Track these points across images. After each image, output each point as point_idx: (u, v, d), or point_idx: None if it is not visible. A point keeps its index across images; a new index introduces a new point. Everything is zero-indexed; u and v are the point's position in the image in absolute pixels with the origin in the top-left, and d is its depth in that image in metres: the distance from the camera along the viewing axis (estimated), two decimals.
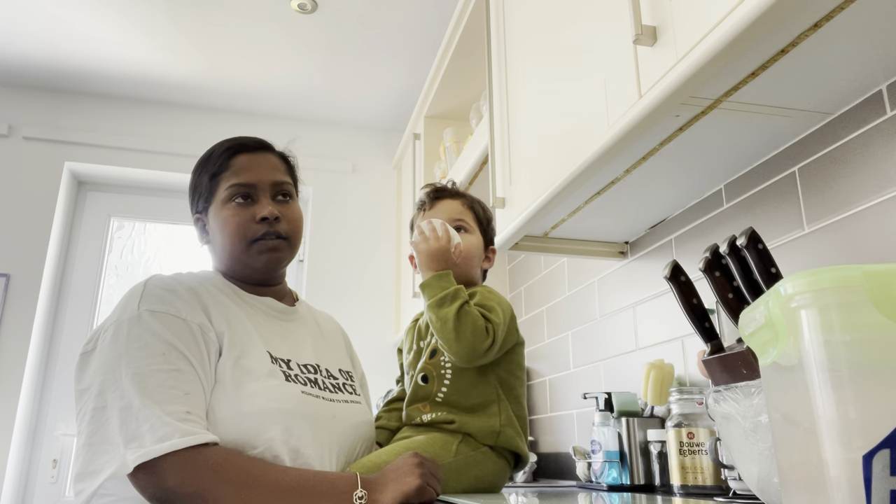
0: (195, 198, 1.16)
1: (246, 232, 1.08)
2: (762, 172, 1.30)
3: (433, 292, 1.14)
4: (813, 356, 0.51)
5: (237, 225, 1.08)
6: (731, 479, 0.97)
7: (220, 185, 1.11)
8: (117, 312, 0.99)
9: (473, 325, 1.10)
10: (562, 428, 2.14)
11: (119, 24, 2.54)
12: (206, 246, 1.18)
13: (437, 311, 1.12)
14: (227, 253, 1.11)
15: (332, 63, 2.80)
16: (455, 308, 1.10)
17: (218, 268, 1.15)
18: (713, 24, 0.87)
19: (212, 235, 1.13)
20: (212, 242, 1.14)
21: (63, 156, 2.94)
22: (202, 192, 1.14)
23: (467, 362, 1.12)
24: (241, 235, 1.08)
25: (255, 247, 1.09)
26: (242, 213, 1.08)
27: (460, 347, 1.09)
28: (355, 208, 3.22)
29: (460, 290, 1.14)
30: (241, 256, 1.10)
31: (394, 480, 0.93)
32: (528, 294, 2.49)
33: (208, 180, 1.12)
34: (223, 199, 1.10)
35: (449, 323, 1.10)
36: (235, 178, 1.10)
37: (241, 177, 1.10)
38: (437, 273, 1.17)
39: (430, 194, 1.35)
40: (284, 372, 1.03)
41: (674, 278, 0.98)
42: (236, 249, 1.09)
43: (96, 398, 0.91)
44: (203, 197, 1.14)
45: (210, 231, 1.14)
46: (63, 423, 2.77)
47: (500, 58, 1.77)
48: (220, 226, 1.10)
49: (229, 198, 1.09)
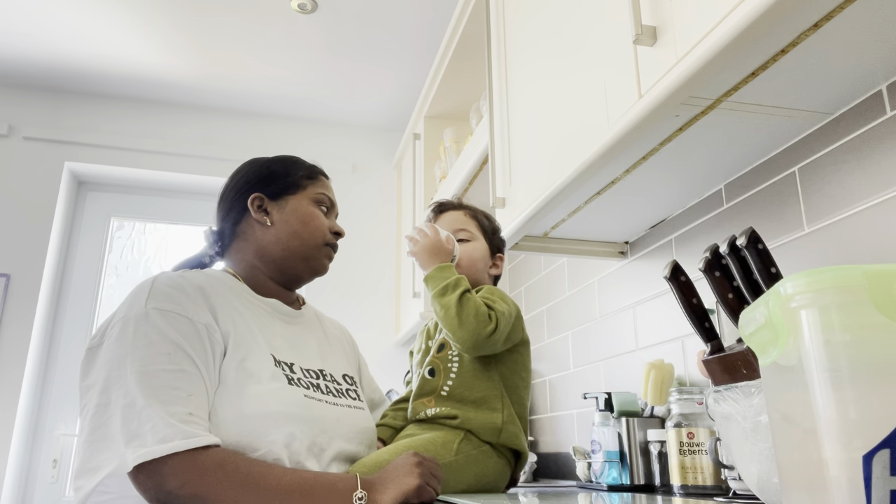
0: (271, 180, 1.18)
1: (325, 234, 1.18)
2: (762, 172, 1.30)
3: (436, 283, 1.17)
4: (813, 356, 0.51)
5: (321, 225, 1.18)
6: (731, 479, 0.97)
7: (310, 187, 1.20)
8: (125, 308, 0.99)
9: (476, 310, 1.12)
10: (562, 428, 2.14)
11: (119, 25, 2.54)
12: (240, 227, 1.16)
13: (440, 299, 1.15)
14: (290, 240, 1.14)
15: (332, 63, 2.80)
16: (457, 295, 1.13)
17: (247, 256, 1.15)
18: (713, 24, 0.87)
19: (279, 219, 1.15)
20: (274, 225, 1.15)
21: (63, 156, 2.94)
22: (290, 180, 1.18)
23: (473, 349, 1.13)
24: (320, 234, 1.17)
25: (325, 250, 1.19)
26: (325, 220, 1.20)
27: (464, 333, 1.11)
28: (355, 208, 3.22)
29: (462, 279, 1.17)
30: (305, 251, 1.16)
31: (393, 480, 0.93)
32: (528, 294, 2.49)
33: (304, 176, 1.20)
34: (312, 198, 1.19)
35: (451, 309, 1.12)
36: (326, 192, 1.21)
37: (329, 193, 1.22)
38: (440, 265, 1.20)
39: (434, 209, 1.38)
40: (287, 375, 1.03)
41: (674, 278, 0.98)
42: (306, 243, 1.15)
43: (100, 395, 0.91)
44: (288, 185, 1.18)
45: (278, 215, 1.16)
46: (63, 423, 2.77)
47: (500, 58, 1.77)
48: (302, 217, 1.16)
49: (318, 202, 1.19)
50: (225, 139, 3.14)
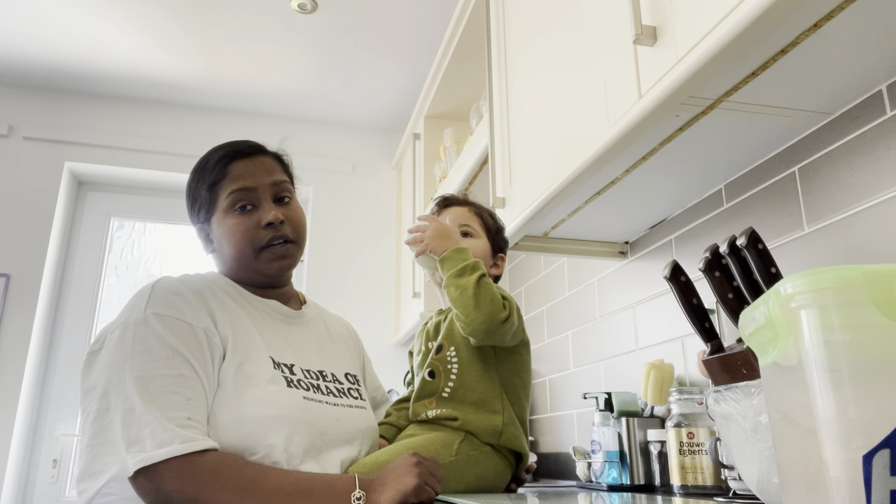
0: (195, 209, 1.15)
1: (253, 239, 1.08)
2: (762, 172, 1.30)
3: (453, 264, 1.14)
4: (813, 356, 0.51)
5: (243, 233, 1.08)
6: (731, 479, 0.97)
7: (219, 194, 1.10)
8: (125, 314, 1.00)
9: (493, 295, 1.10)
10: (562, 428, 2.14)
11: (119, 25, 2.54)
12: (212, 255, 1.17)
13: (456, 280, 1.12)
14: (235, 261, 1.11)
15: (332, 63, 2.80)
16: (475, 277, 1.11)
17: (226, 273, 1.15)
18: (713, 23, 0.87)
19: (217, 244, 1.13)
20: (217, 251, 1.14)
21: (63, 156, 2.94)
22: (202, 202, 1.13)
23: (485, 333, 1.11)
24: (248, 243, 1.08)
25: (265, 254, 1.09)
26: (247, 221, 1.08)
27: (479, 315, 1.09)
28: (355, 208, 3.22)
29: (479, 262, 1.15)
30: (251, 264, 1.10)
31: (392, 480, 0.93)
32: (528, 294, 2.49)
33: (207, 190, 1.11)
34: (225, 207, 1.09)
35: (469, 290, 1.10)
36: (234, 185, 1.09)
37: (239, 182, 1.09)
38: (457, 247, 1.17)
39: (438, 203, 1.37)
40: (286, 377, 1.03)
41: (674, 278, 0.98)
42: (245, 257, 1.10)
43: (100, 399, 0.92)
44: (204, 208, 1.13)
45: (215, 240, 1.13)
46: (63, 423, 2.77)
47: (500, 58, 1.77)
48: (226, 235, 1.09)
49: (231, 206, 1.09)
50: (225, 139, 3.09)
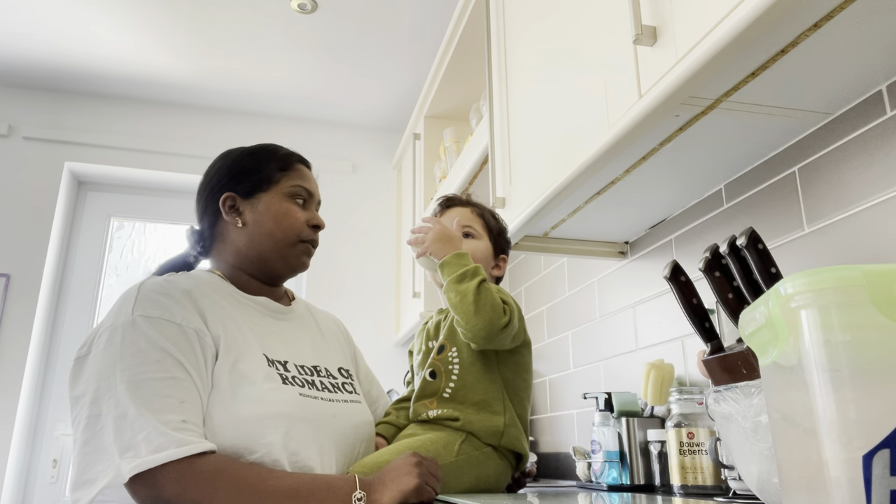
0: (242, 177, 1.13)
1: (300, 230, 1.14)
2: (762, 172, 1.30)
3: (453, 269, 1.14)
4: (813, 356, 0.51)
5: (295, 220, 1.13)
6: (731, 479, 0.97)
7: (284, 180, 1.14)
8: (111, 317, 0.97)
9: (493, 301, 1.10)
10: (562, 428, 2.14)
11: (119, 25, 2.54)
12: (217, 229, 1.14)
13: (456, 286, 1.11)
14: (269, 239, 1.11)
15: (332, 63, 2.80)
16: (475, 283, 1.10)
17: (224, 263, 1.14)
18: (713, 24, 0.87)
19: (251, 219, 1.12)
20: (247, 226, 1.12)
21: (63, 156, 2.94)
22: (263, 177, 1.13)
23: (485, 339, 1.11)
24: (294, 231, 1.13)
25: (301, 247, 1.14)
26: (301, 214, 1.14)
27: (479, 321, 1.08)
28: (355, 208, 3.22)
29: (479, 268, 1.14)
30: (283, 249, 1.12)
31: (392, 480, 0.93)
32: (528, 294, 2.49)
33: (277, 169, 1.15)
34: (285, 193, 1.14)
35: (469, 296, 1.09)
36: (301, 181, 1.16)
37: (306, 182, 1.16)
38: (457, 252, 1.16)
39: (441, 203, 1.36)
40: (281, 374, 1.02)
41: (674, 278, 0.98)
42: (284, 240, 1.12)
43: (90, 406, 0.90)
44: (263, 181, 1.13)
45: (251, 214, 1.12)
46: (63, 423, 2.77)
47: (500, 58, 1.77)
48: (275, 215, 1.12)
49: (292, 195, 1.14)
50: (225, 139, 3.14)
